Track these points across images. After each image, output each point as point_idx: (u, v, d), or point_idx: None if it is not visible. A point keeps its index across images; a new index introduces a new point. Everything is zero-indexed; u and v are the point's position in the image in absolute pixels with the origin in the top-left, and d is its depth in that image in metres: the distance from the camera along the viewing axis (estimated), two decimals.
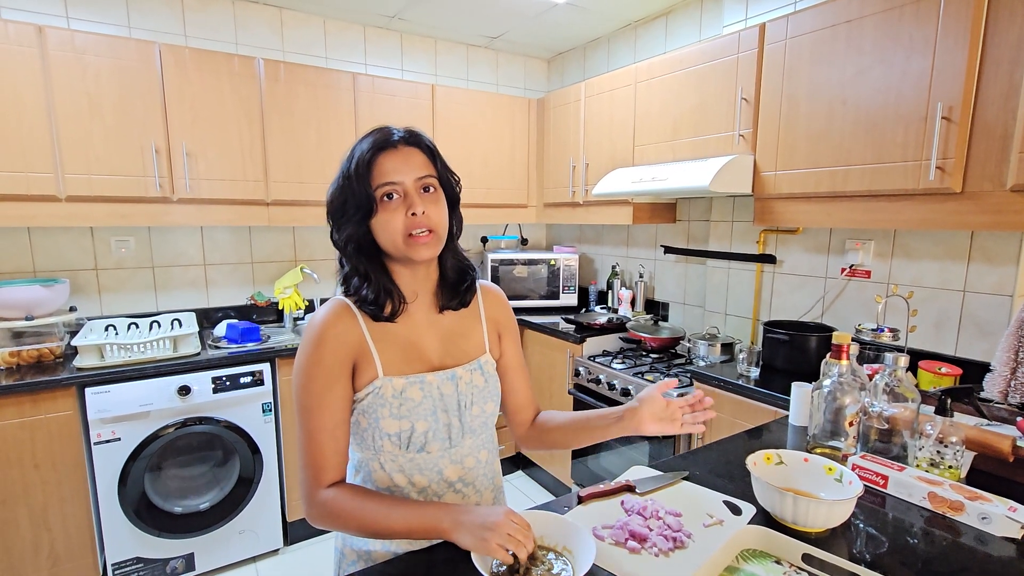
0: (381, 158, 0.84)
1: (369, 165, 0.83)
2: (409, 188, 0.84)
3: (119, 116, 2.08)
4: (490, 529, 0.75)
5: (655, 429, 0.94)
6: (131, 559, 2.04)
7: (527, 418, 1.07)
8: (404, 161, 0.85)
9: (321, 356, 0.83)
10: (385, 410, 0.85)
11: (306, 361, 0.83)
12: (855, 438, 1.17)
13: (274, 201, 2.43)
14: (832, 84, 1.72)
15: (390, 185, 0.84)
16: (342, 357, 0.84)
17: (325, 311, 0.86)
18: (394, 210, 0.84)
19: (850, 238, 2.00)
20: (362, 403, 0.86)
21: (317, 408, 0.82)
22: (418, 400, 0.87)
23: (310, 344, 0.83)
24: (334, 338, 0.84)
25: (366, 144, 0.85)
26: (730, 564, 0.83)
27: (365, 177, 0.83)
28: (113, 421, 1.95)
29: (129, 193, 2.13)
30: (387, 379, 0.86)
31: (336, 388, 0.83)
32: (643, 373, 2.22)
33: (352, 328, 0.86)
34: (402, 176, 0.84)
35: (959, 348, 1.74)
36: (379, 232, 0.86)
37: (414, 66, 3.11)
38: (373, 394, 0.85)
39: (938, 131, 1.47)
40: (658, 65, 2.33)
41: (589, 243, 3.36)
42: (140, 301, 2.50)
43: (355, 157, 0.85)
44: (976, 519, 0.94)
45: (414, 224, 0.84)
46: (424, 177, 0.86)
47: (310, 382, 0.82)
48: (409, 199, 0.84)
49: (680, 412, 0.95)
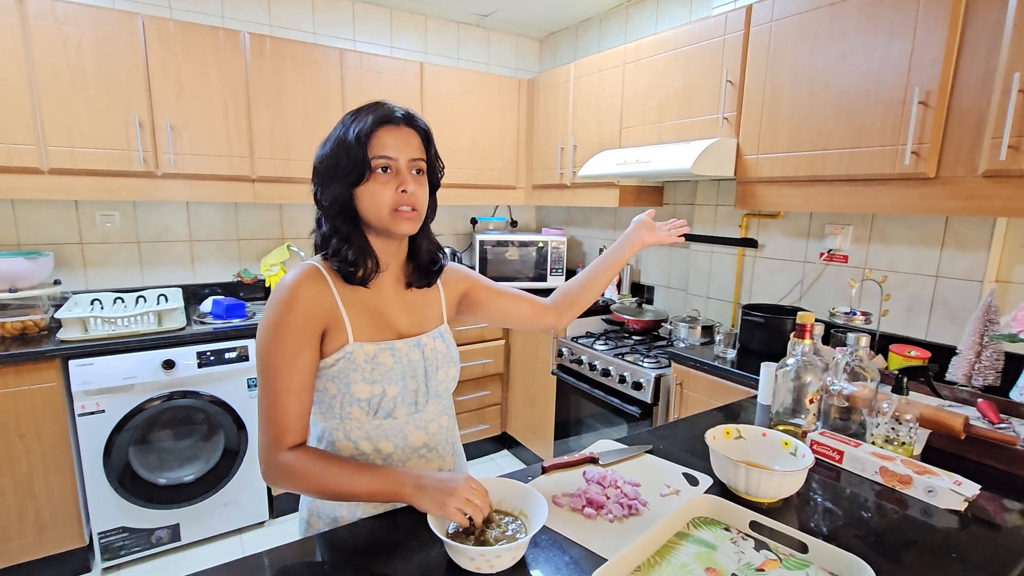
0: (383, 131, 0.86)
1: (370, 135, 0.85)
2: (402, 166, 0.87)
3: (102, 89, 2.07)
4: (449, 493, 0.78)
5: (651, 240, 1.19)
6: (117, 528, 2.07)
7: (546, 311, 1.15)
8: (403, 140, 0.88)
9: (294, 317, 0.84)
10: (357, 375, 0.88)
11: (277, 321, 0.84)
12: (815, 415, 1.20)
13: (260, 178, 2.42)
14: (815, 67, 1.72)
15: (386, 159, 0.86)
16: (315, 320, 0.86)
17: (297, 273, 0.87)
18: (385, 183, 0.86)
19: (829, 223, 2.02)
20: (331, 369, 0.88)
21: (286, 369, 0.83)
22: (389, 365, 0.90)
23: (281, 304, 0.84)
24: (307, 300, 0.85)
25: (368, 115, 0.87)
26: (681, 530, 0.86)
27: (364, 145, 0.85)
28: (97, 393, 1.97)
29: (113, 167, 2.12)
30: (358, 344, 0.88)
31: (306, 351, 0.85)
32: (624, 354, 2.25)
33: (324, 292, 0.87)
34: (398, 153, 0.87)
35: (929, 332, 1.77)
36: (365, 200, 0.87)
37: (404, 43, 3.08)
38: (344, 359, 0.87)
39: (915, 116, 1.48)
40: (646, 46, 2.32)
41: (577, 226, 3.37)
42: (126, 276, 2.51)
43: (354, 124, 0.86)
44: (923, 492, 0.98)
45: (402, 200, 0.87)
46: (417, 160, 0.89)
47: (280, 342, 0.83)
48: (401, 176, 0.87)
49: (665, 227, 1.22)
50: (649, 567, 0.77)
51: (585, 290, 1.17)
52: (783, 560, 0.79)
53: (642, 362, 2.13)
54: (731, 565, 0.78)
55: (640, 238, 1.18)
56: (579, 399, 2.44)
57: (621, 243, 1.18)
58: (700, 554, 0.80)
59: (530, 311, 1.14)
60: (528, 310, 1.13)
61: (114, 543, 2.08)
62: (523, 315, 1.14)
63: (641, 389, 2.06)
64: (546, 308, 1.15)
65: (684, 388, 1.97)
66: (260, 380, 0.85)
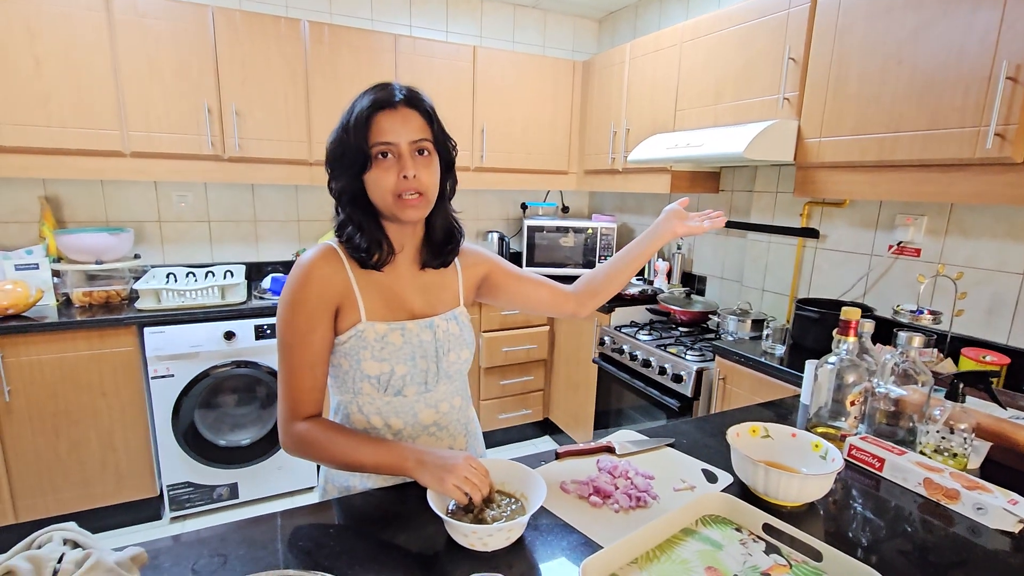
0: (379, 116, 0.86)
1: (367, 122, 0.85)
2: (403, 150, 0.86)
3: (176, 77, 2.23)
4: (448, 471, 0.79)
5: (683, 230, 1.11)
6: (183, 483, 2.27)
7: (567, 299, 1.14)
8: (402, 122, 0.86)
9: (307, 296, 0.87)
10: (367, 352, 0.90)
11: (292, 299, 0.88)
12: (856, 418, 1.11)
13: (316, 161, 2.53)
14: (888, 42, 1.56)
15: (385, 145, 0.85)
16: (327, 299, 0.89)
17: (313, 253, 0.90)
18: (386, 169, 0.86)
19: (901, 213, 1.85)
20: (344, 346, 0.91)
21: (299, 345, 0.87)
22: (399, 345, 0.92)
23: (296, 283, 0.88)
24: (320, 279, 0.88)
25: (366, 100, 0.86)
26: (688, 527, 0.83)
27: (362, 133, 0.85)
28: (168, 359, 2.15)
29: (185, 150, 2.28)
30: (369, 323, 0.91)
31: (319, 328, 0.88)
32: (667, 345, 2.18)
33: (339, 272, 0.90)
34: (398, 137, 0.86)
35: (1012, 336, 1.59)
36: (371, 188, 0.88)
37: (459, 27, 3.10)
38: (356, 337, 0.90)
39: (1000, 93, 1.31)
40: (704, 23, 2.20)
41: (631, 212, 3.29)
42: (198, 252, 2.71)
43: (355, 111, 0.86)
44: (971, 509, 0.89)
45: (405, 186, 0.86)
46: (419, 140, 0.87)
47: (295, 318, 0.87)
48: (402, 161, 0.86)
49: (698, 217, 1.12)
50: (647, 560, 0.75)
51: (609, 280, 1.13)
52: (793, 566, 0.74)
53: (685, 354, 2.06)
54: (734, 566, 0.74)
55: (671, 228, 1.10)
56: (620, 389, 2.40)
57: (650, 233, 1.12)
58: (703, 552, 0.77)
59: (550, 297, 1.12)
60: (548, 296, 1.12)
61: (180, 495, 2.28)
62: (543, 301, 1.12)
63: (681, 382, 1.99)
64: (567, 296, 1.13)
65: (727, 383, 1.89)
66: (278, 353, 0.89)
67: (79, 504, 2.14)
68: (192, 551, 0.77)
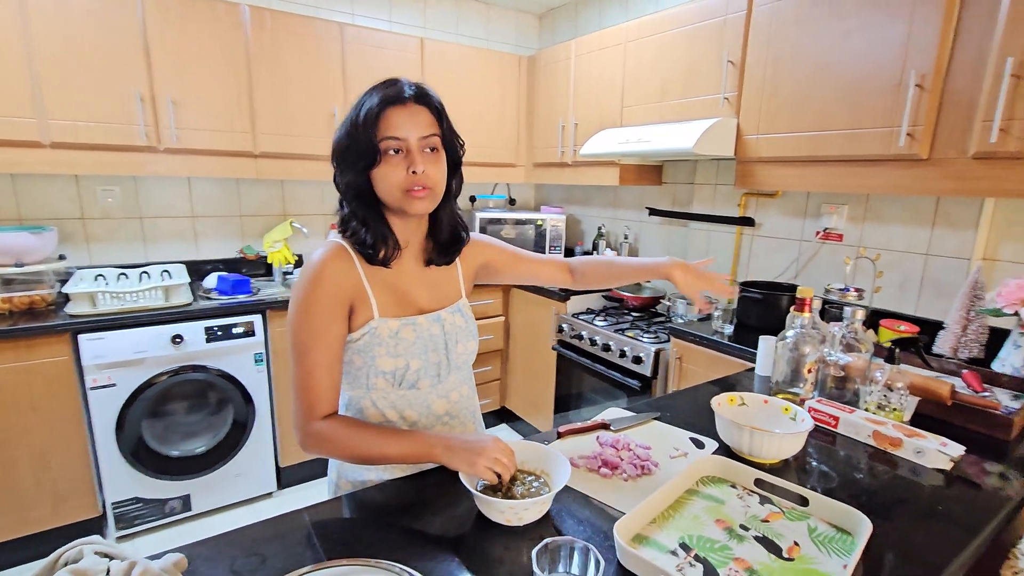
0: (389, 112, 0.86)
1: (377, 117, 0.86)
2: (412, 146, 0.87)
3: (102, 62, 2.05)
4: (479, 454, 0.84)
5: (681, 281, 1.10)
6: (130, 499, 2.13)
7: (567, 276, 1.21)
8: (411, 118, 0.87)
9: (320, 295, 0.87)
10: (382, 349, 0.92)
11: (305, 299, 0.87)
12: (813, 384, 1.27)
13: (262, 153, 2.42)
14: (815, 49, 1.75)
15: (394, 140, 0.86)
16: (342, 298, 0.89)
17: (323, 252, 0.90)
18: (395, 165, 0.87)
19: (825, 202, 2.08)
20: (357, 343, 0.92)
21: (315, 345, 0.87)
22: (411, 340, 0.94)
23: (309, 283, 0.87)
24: (332, 278, 0.88)
25: (375, 97, 0.87)
26: (691, 488, 0.93)
27: (372, 128, 0.86)
28: (108, 367, 2.00)
29: (115, 141, 2.11)
30: (382, 320, 0.92)
31: (334, 327, 0.89)
32: (624, 329, 2.32)
33: (350, 270, 0.91)
34: (407, 133, 0.87)
35: (919, 308, 1.85)
36: (379, 183, 0.90)
37: (402, 17, 3.05)
38: (369, 334, 0.92)
39: (910, 98, 1.52)
40: (648, 24, 2.33)
41: (577, 204, 3.41)
42: (128, 251, 2.51)
43: (364, 107, 0.87)
44: (912, 453, 1.06)
45: (413, 181, 0.88)
46: (428, 136, 0.89)
47: (309, 319, 0.87)
48: (411, 156, 0.87)
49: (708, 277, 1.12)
50: (664, 519, 0.84)
51: (609, 280, 1.22)
52: (786, 512, 0.86)
53: (642, 337, 2.20)
54: (739, 517, 0.84)
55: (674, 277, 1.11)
56: (580, 373, 2.51)
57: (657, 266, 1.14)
58: (710, 507, 0.87)
59: (552, 272, 1.21)
60: (547, 272, 1.21)
61: (128, 513, 2.13)
62: (541, 276, 1.21)
63: (641, 363, 2.13)
64: (568, 273, 1.22)
65: (683, 362, 2.05)
66: (292, 355, 0.88)
67: (13, 531, 1.95)
68: (225, 553, 0.76)
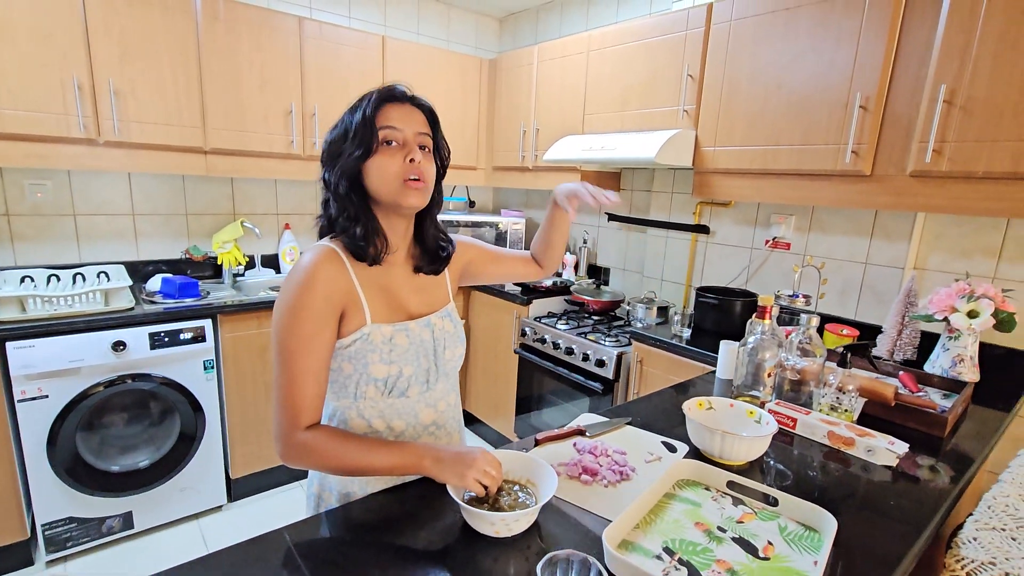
0: (388, 106, 0.89)
1: (376, 108, 0.88)
2: (409, 138, 0.90)
3: (35, 44, 1.88)
4: (468, 466, 0.83)
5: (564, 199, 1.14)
6: (63, 519, 1.97)
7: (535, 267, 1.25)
8: (408, 115, 0.91)
9: (312, 299, 0.84)
10: (375, 355, 0.90)
11: (295, 302, 0.84)
12: (771, 388, 1.34)
13: (213, 149, 2.30)
14: (770, 67, 1.85)
15: (392, 130, 0.88)
16: (334, 302, 0.87)
17: (314, 255, 0.87)
18: (392, 155, 0.88)
19: (775, 213, 2.19)
20: (348, 349, 0.89)
21: (304, 351, 0.84)
22: (405, 346, 0.93)
23: (299, 286, 0.84)
24: (325, 281, 0.86)
25: (374, 94, 0.90)
26: (668, 491, 0.96)
27: (371, 118, 0.87)
28: (39, 378, 1.84)
29: (48, 132, 1.95)
30: (375, 326, 0.90)
31: (324, 332, 0.86)
32: (586, 333, 2.36)
33: (342, 274, 0.89)
34: (404, 125, 0.89)
35: (859, 313, 1.99)
36: (373, 174, 0.88)
37: (362, 14, 2.98)
38: (362, 340, 0.89)
39: (855, 118, 1.64)
40: (611, 35, 2.38)
41: (536, 208, 3.44)
42: (60, 251, 2.32)
43: (361, 103, 0.89)
44: (863, 451, 1.14)
45: (410, 170, 0.89)
46: (423, 134, 0.92)
47: (299, 324, 0.84)
48: (408, 147, 0.90)
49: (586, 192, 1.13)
50: (646, 524, 0.86)
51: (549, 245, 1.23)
52: (758, 513, 0.90)
53: (604, 341, 2.25)
54: (716, 519, 0.88)
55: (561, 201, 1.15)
56: (542, 376, 2.54)
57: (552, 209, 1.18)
58: (688, 511, 0.90)
59: (525, 267, 1.25)
60: (523, 267, 1.25)
61: (60, 534, 1.97)
62: (518, 274, 1.25)
63: (604, 366, 2.18)
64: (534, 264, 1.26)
65: (644, 365, 2.11)
66: (277, 361, 0.85)
67: None
68: None
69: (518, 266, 1.24)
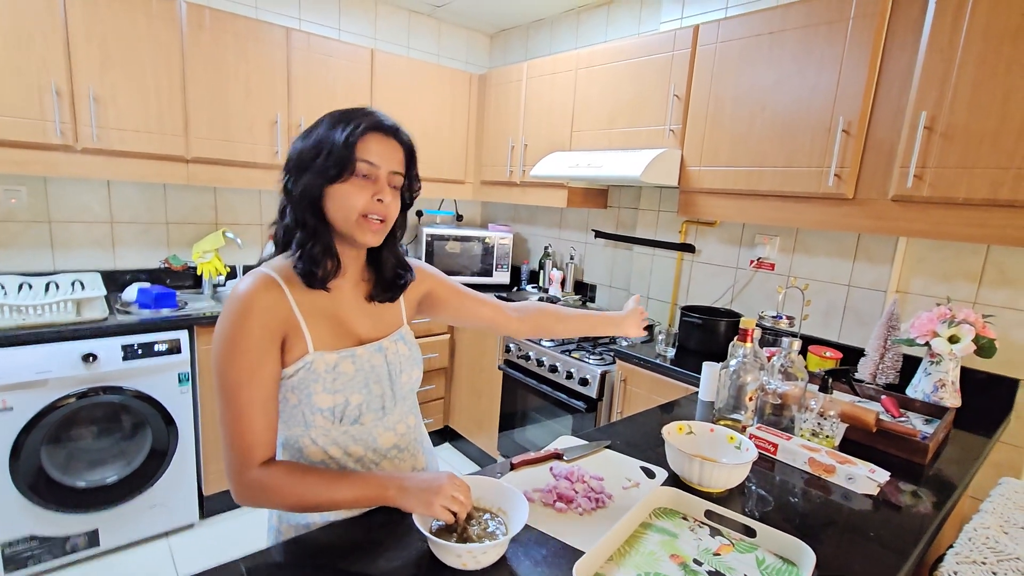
0: (371, 137, 0.85)
1: (360, 137, 0.84)
2: (382, 175, 0.87)
3: (11, 48, 1.85)
4: (435, 493, 0.80)
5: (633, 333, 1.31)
6: (24, 538, 1.89)
7: (510, 321, 1.19)
8: (390, 151, 0.87)
9: (250, 328, 0.80)
10: (318, 385, 0.86)
11: (233, 333, 0.80)
12: (753, 411, 1.32)
13: (195, 158, 2.27)
14: (755, 90, 1.86)
15: (370, 164, 0.85)
16: (273, 330, 0.82)
17: (250, 282, 0.83)
18: (361, 188, 0.85)
19: (759, 233, 2.20)
20: (291, 379, 0.85)
21: (248, 383, 0.80)
22: (351, 374, 0.89)
23: (236, 315, 0.80)
24: (263, 310, 0.82)
25: (360, 118, 0.85)
26: (645, 520, 0.93)
27: (352, 144, 0.83)
28: (3, 389, 1.78)
29: (24, 137, 1.91)
30: (318, 354, 0.86)
31: (267, 362, 0.82)
32: (570, 351, 2.34)
33: (280, 301, 0.84)
34: (382, 162, 0.86)
35: (842, 335, 1.99)
36: (336, 201, 0.85)
37: (352, 27, 2.98)
38: (304, 369, 0.85)
39: (838, 142, 1.65)
40: (599, 54, 2.40)
41: (523, 223, 3.43)
42: (34, 258, 2.27)
43: (344, 124, 0.84)
44: (844, 479, 1.12)
45: (374, 209, 0.86)
46: (397, 173, 0.89)
47: (239, 356, 0.79)
48: (379, 185, 0.86)
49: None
50: (620, 556, 0.84)
51: (562, 326, 1.25)
52: (736, 544, 0.88)
53: (588, 359, 2.23)
54: (692, 551, 0.85)
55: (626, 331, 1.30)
56: (525, 394, 2.50)
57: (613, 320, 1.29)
58: (664, 542, 0.87)
59: (493, 316, 1.17)
60: (491, 315, 1.17)
61: (21, 553, 1.89)
62: (484, 318, 1.17)
63: (587, 385, 2.15)
64: (509, 318, 1.19)
65: (628, 384, 2.09)
66: (220, 396, 0.81)
67: None
68: None
69: (485, 311, 1.16)
